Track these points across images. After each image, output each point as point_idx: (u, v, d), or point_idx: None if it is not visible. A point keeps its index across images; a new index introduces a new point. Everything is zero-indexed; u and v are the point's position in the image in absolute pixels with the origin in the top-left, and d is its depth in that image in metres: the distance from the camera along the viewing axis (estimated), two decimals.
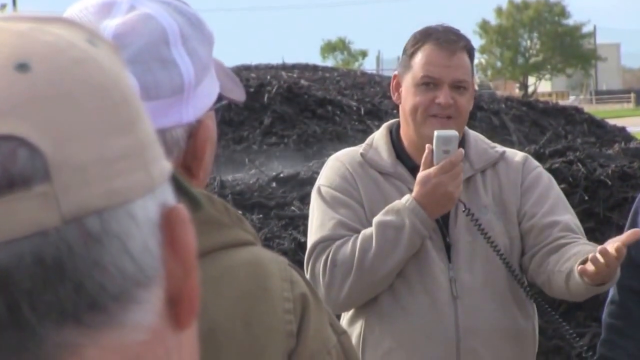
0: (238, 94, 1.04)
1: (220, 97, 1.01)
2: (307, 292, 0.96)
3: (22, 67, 0.40)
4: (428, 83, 1.98)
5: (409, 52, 2.03)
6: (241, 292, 0.93)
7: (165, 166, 0.45)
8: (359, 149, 2.05)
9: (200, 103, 0.96)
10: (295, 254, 3.85)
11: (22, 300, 0.39)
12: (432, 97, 1.98)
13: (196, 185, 0.96)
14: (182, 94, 0.94)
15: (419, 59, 2.00)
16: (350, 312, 2.01)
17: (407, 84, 2.01)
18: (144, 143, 0.43)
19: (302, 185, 4.45)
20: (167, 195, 0.44)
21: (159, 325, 0.43)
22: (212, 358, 0.90)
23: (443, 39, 2.00)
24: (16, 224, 0.39)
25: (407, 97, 2.01)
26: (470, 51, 2.04)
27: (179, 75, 0.94)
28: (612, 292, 2.03)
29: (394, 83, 2.06)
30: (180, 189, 0.46)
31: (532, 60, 50.15)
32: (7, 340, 0.39)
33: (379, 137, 2.06)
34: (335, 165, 2.02)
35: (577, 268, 1.84)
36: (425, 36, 2.02)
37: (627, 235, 1.76)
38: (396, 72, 2.07)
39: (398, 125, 2.07)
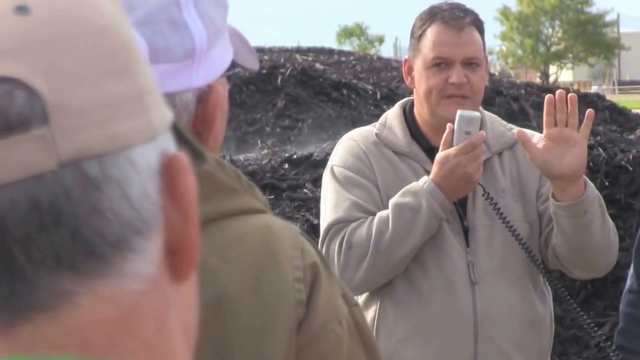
0: (252, 63, 1.01)
1: (233, 64, 0.97)
2: (318, 262, 0.93)
3: (22, 10, 0.39)
4: (439, 64, 1.93)
5: (417, 35, 1.98)
6: (250, 260, 0.90)
7: (166, 114, 0.43)
8: (372, 128, 2.00)
9: (211, 68, 0.93)
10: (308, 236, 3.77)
11: (15, 246, 0.38)
12: (445, 77, 1.93)
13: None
14: (193, 57, 0.91)
15: (427, 40, 1.95)
16: (364, 297, 1.95)
17: (419, 67, 1.97)
18: (143, 88, 0.41)
19: (316, 167, 4.37)
20: (168, 144, 0.43)
21: (158, 276, 0.41)
22: (220, 326, 0.87)
23: (449, 17, 1.95)
24: (12, 167, 0.37)
25: (420, 81, 1.96)
26: (479, 25, 1.99)
27: (190, 38, 0.91)
28: (629, 280, 1.98)
29: (406, 68, 2.01)
30: (183, 140, 0.44)
31: (554, 48, 49.69)
32: None
33: (392, 116, 2.01)
34: (349, 144, 1.97)
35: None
36: (430, 16, 1.97)
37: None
38: (406, 57, 2.03)
39: (412, 104, 2.01)
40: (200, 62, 0.91)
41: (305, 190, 4.25)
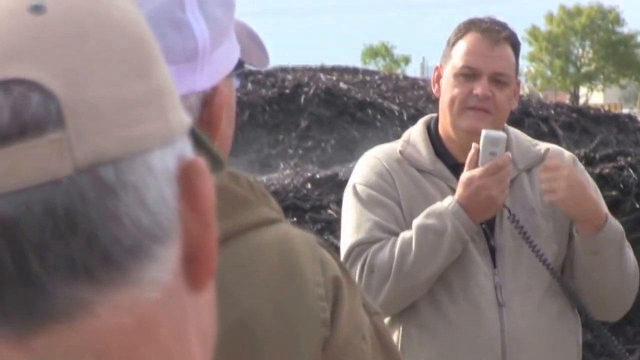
0: (261, 60, 0.99)
1: (240, 63, 0.95)
2: (338, 274, 0.91)
3: (37, 9, 0.39)
4: (467, 74, 1.91)
5: (452, 42, 1.97)
6: (272, 276, 0.87)
7: (183, 117, 0.42)
8: (396, 145, 1.97)
9: (216, 69, 0.90)
10: None
11: (30, 253, 0.37)
12: (470, 88, 1.90)
13: None
14: (196, 60, 0.89)
15: (459, 48, 1.93)
16: (386, 320, 1.91)
17: (447, 74, 1.94)
18: (161, 90, 0.40)
19: (340, 187, 4.31)
20: (186, 148, 0.42)
21: (175, 284, 0.40)
22: (248, 347, 0.85)
23: (485, 28, 1.93)
24: (27, 172, 0.36)
25: (446, 89, 1.94)
26: (514, 45, 1.96)
27: (193, 40, 0.87)
28: None
29: (435, 75, 1.99)
30: (200, 145, 0.43)
31: (584, 69, 49.26)
32: (14, 295, 0.37)
33: (416, 133, 1.98)
34: (372, 162, 1.94)
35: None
36: (469, 25, 1.96)
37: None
38: (438, 65, 2.00)
39: (436, 120, 1.99)
40: (204, 64, 0.88)
41: (329, 211, 4.18)
